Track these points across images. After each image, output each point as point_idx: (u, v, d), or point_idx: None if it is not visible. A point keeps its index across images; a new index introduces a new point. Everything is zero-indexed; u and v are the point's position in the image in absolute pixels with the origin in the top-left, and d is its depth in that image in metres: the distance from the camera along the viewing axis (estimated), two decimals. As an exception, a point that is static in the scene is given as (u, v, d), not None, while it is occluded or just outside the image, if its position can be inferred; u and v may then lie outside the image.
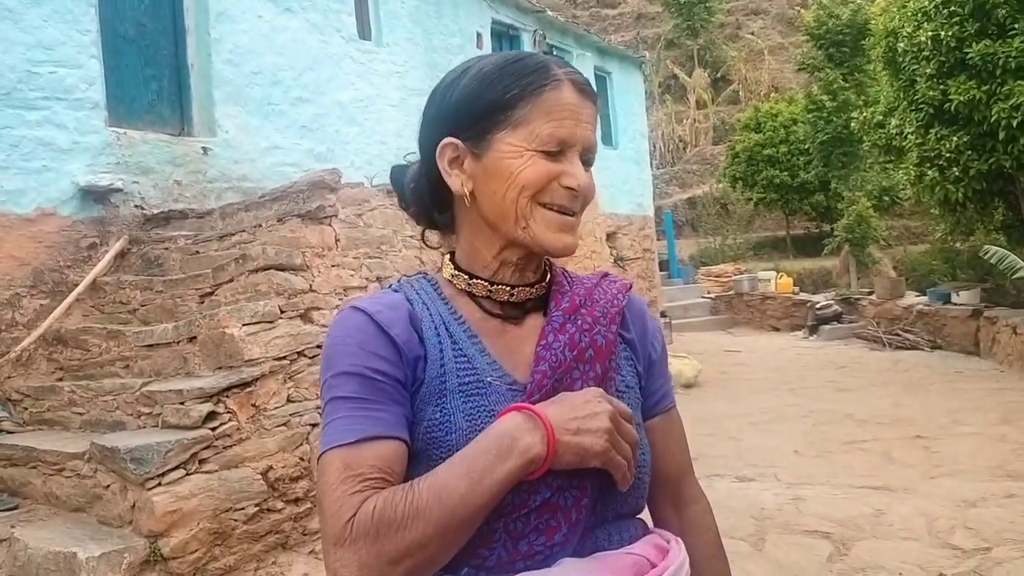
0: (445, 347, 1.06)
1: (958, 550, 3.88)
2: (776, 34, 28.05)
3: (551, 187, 1.05)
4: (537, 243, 1.06)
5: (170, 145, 6.52)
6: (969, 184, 8.95)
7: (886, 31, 9.63)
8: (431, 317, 1.09)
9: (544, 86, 1.05)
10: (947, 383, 8.46)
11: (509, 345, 1.10)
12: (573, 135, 1.05)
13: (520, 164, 1.04)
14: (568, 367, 1.06)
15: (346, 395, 1.00)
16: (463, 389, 1.03)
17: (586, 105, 1.07)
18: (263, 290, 4.69)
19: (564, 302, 1.13)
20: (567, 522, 1.00)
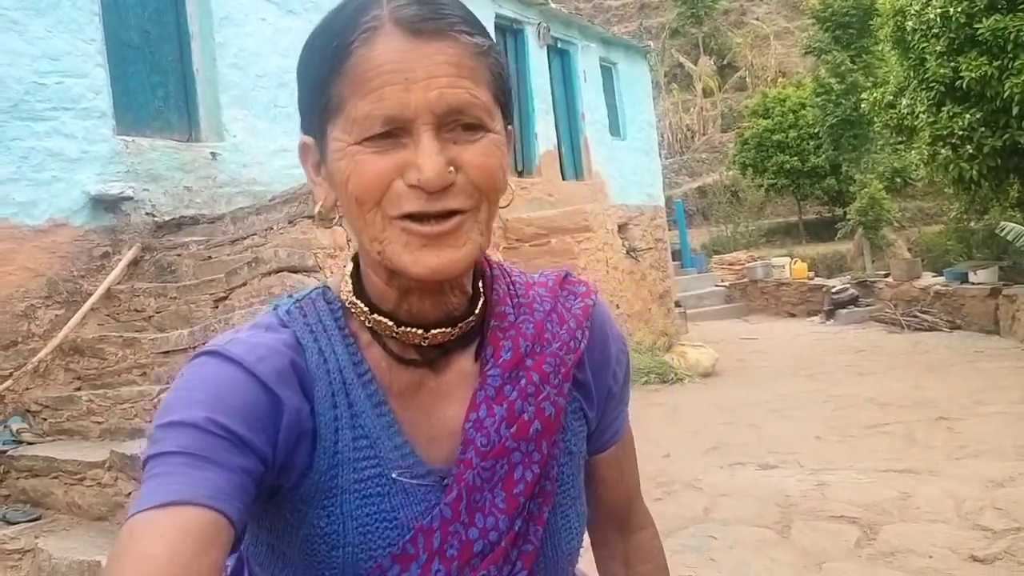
0: (342, 423, 0.79)
1: (988, 531, 3.83)
2: (781, 18, 27.89)
3: (395, 190, 0.73)
4: (399, 270, 0.76)
5: (178, 151, 6.52)
6: (983, 161, 8.85)
7: (893, 10, 9.54)
8: (328, 378, 0.80)
9: (351, 44, 0.73)
10: (968, 363, 8.38)
11: (425, 407, 0.84)
12: (404, 106, 0.71)
13: (346, 168, 0.74)
14: (504, 450, 0.82)
15: (171, 450, 0.70)
16: (359, 488, 0.79)
17: (430, 49, 0.72)
18: (276, 292, 4.68)
19: (505, 351, 0.85)
20: None
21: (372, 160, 0.73)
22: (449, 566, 0.79)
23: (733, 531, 4.09)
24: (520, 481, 0.82)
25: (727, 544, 3.93)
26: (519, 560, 0.82)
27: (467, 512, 0.80)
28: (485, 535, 0.80)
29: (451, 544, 0.79)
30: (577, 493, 0.90)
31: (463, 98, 0.73)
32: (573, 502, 0.89)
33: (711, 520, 4.28)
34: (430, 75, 0.72)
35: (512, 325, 0.87)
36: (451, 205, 0.74)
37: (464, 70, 0.73)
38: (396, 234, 0.74)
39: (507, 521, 0.81)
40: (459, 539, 0.80)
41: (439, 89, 0.72)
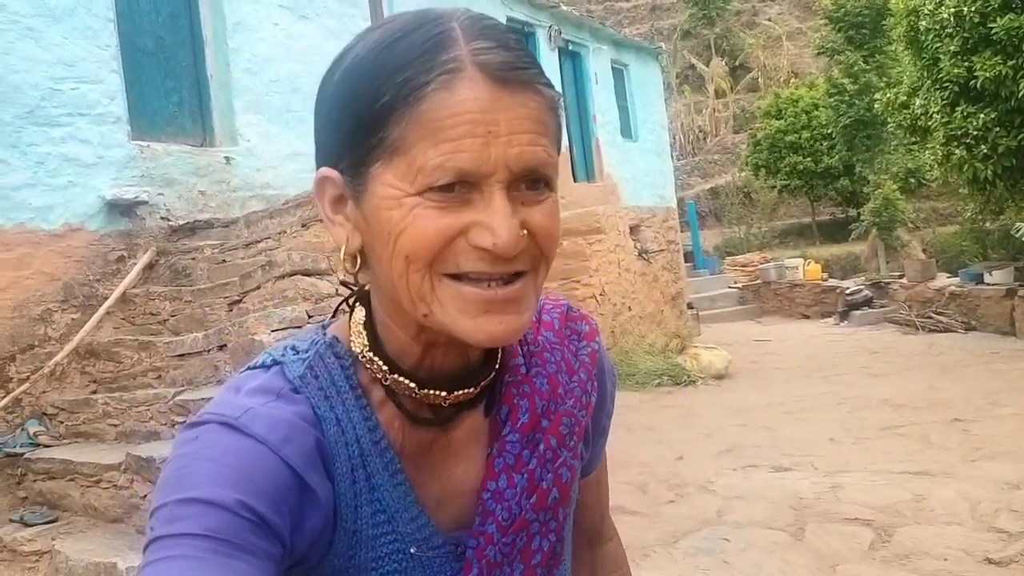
0: (361, 500, 0.74)
1: (1004, 533, 3.81)
2: (793, 19, 27.80)
3: (455, 248, 0.66)
4: (450, 332, 0.68)
5: (193, 156, 6.57)
6: (998, 161, 8.80)
7: (907, 10, 9.50)
8: (347, 447, 0.74)
9: (427, 85, 0.65)
10: (983, 364, 8.33)
11: (435, 467, 0.79)
12: (482, 160, 0.64)
13: (399, 220, 0.66)
14: (524, 523, 0.78)
15: (197, 532, 0.63)
16: (377, 566, 0.75)
17: (513, 102, 0.66)
18: (290, 296, 4.71)
19: (522, 412, 0.80)
20: None
21: (434, 216, 0.65)
22: None
23: (746, 533, 4.09)
24: (537, 552, 0.80)
25: (740, 546, 3.93)
26: None
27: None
28: None
29: None
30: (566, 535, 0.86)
31: (541, 157, 0.67)
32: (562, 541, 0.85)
33: (724, 522, 4.28)
34: (512, 130, 0.65)
35: (526, 379, 0.82)
36: (517, 267, 0.68)
37: (542, 126, 0.68)
38: (450, 297, 0.67)
39: None
40: None
41: (520, 147, 0.65)
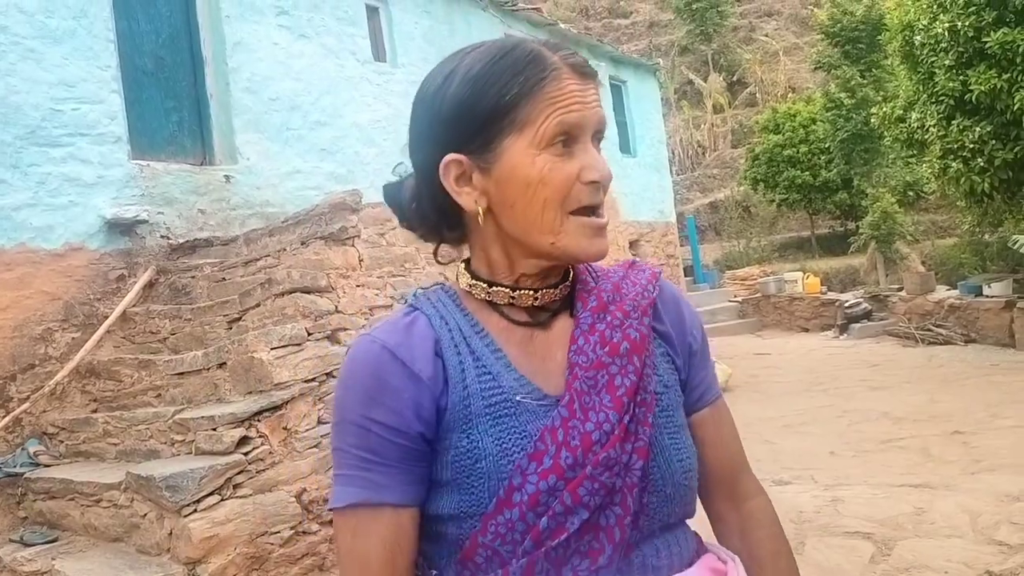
0: (467, 367, 0.99)
1: (1004, 546, 3.80)
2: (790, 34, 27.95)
3: (575, 188, 0.96)
4: (570, 255, 0.98)
5: (192, 175, 6.61)
6: (995, 174, 8.82)
7: (902, 25, 9.56)
8: (451, 335, 1.01)
9: (543, 79, 0.96)
10: (983, 376, 8.32)
11: (538, 353, 1.02)
12: (584, 119, 0.97)
13: (536, 172, 0.95)
14: (601, 364, 0.99)
15: (354, 449, 0.97)
16: (490, 411, 0.97)
17: (589, 86, 0.99)
18: (289, 313, 4.72)
19: (591, 301, 1.05)
20: (610, 542, 0.95)
21: (562, 165, 0.96)
22: (575, 453, 0.94)
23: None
24: (620, 387, 0.98)
25: (741, 561, 3.92)
26: (634, 453, 0.97)
27: (581, 411, 0.97)
28: (599, 427, 0.96)
29: (572, 436, 0.95)
30: (681, 422, 1.06)
31: (603, 116, 1.01)
32: (679, 429, 1.05)
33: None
34: (592, 101, 0.99)
35: (596, 288, 1.07)
36: (602, 200, 0.99)
37: (600, 101, 1.01)
38: (575, 227, 0.97)
39: (616, 416, 0.97)
40: (578, 432, 0.95)
41: (598, 112, 0.99)
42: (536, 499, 0.93)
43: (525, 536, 0.93)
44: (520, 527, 0.93)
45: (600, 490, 0.94)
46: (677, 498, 1.02)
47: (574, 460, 0.94)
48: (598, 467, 0.94)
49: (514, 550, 0.93)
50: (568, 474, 0.94)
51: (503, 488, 0.94)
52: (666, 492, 1.00)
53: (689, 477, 1.04)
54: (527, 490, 0.93)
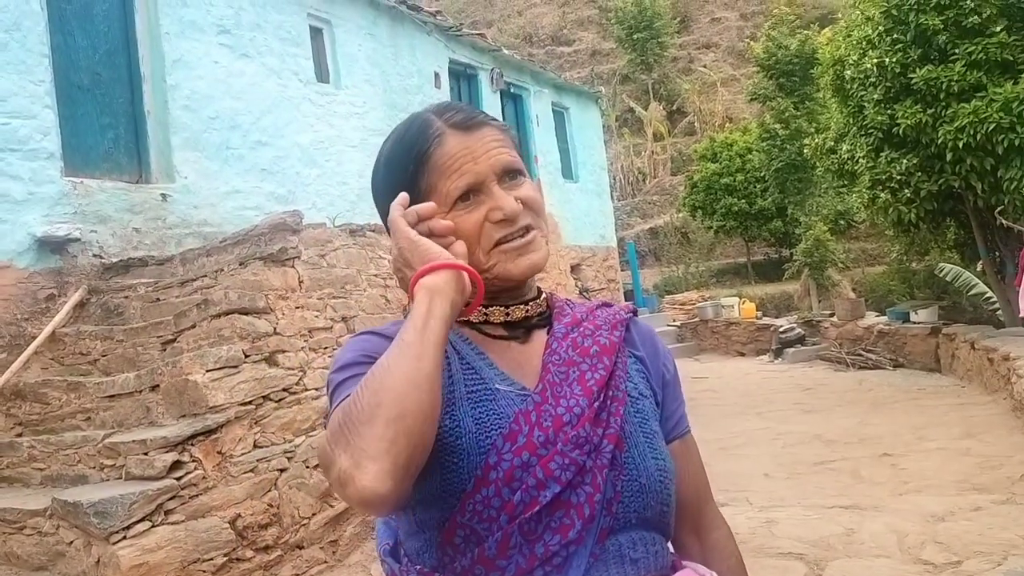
0: (452, 360, 1.09)
1: (929, 565, 3.92)
2: (728, 66, 28.67)
3: (487, 229, 1.08)
4: (505, 278, 1.10)
5: (128, 193, 6.47)
6: (921, 205, 9.16)
7: (833, 60, 9.90)
8: None
9: (428, 149, 1.09)
10: (911, 400, 8.59)
11: (516, 359, 1.12)
12: (477, 174, 1.08)
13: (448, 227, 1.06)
14: (572, 362, 1.10)
15: (351, 375, 1.03)
16: (471, 396, 1.05)
17: (479, 136, 1.09)
18: (226, 335, 4.64)
19: (565, 318, 1.17)
20: (580, 518, 1.00)
21: (466, 216, 1.08)
22: (546, 432, 1.02)
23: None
24: (591, 380, 1.08)
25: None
26: (605, 437, 1.04)
27: (553, 399, 1.05)
28: (570, 410, 1.05)
29: (544, 418, 1.03)
30: (655, 429, 1.13)
31: (507, 159, 1.10)
32: (654, 435, 1.12)
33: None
34: (485, 151, 1.09)
35: (570, 311, 1.19)
36: (524, 222, 1.09)
37: (501, 142, 1.11)
38: (498, 256, 1.08)
39: (586, 401, 1.06)
40: (550, 414, 1.04)
41: (493, 157, 1.09)
42: (511, 475, 1.00)
43: (500, 512, 0.99)
44: (496, 503, 0.99)
45: (571, 466, 1.01)
46: (652, 492, 1.07)
47: (546, 438, 1.02)
48: (568, 444, 1.02)
49: (490, 527, 0.99)
50: (540, 451, 1.01)
51: (480, 467, 1.00)
52: (641, 482, 1.06)
53: (664, 476, 1.09)
54: (502, 467, 1.00)
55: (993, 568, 3.76)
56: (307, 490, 4.72)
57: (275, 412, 4.68)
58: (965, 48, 8.03)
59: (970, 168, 8.24)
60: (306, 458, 4.76)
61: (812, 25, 18.56)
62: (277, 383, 4.72)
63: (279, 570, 4.45)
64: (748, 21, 29.14)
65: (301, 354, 5.01)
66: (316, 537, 4.72)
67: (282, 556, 4.48)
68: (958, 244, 10.92)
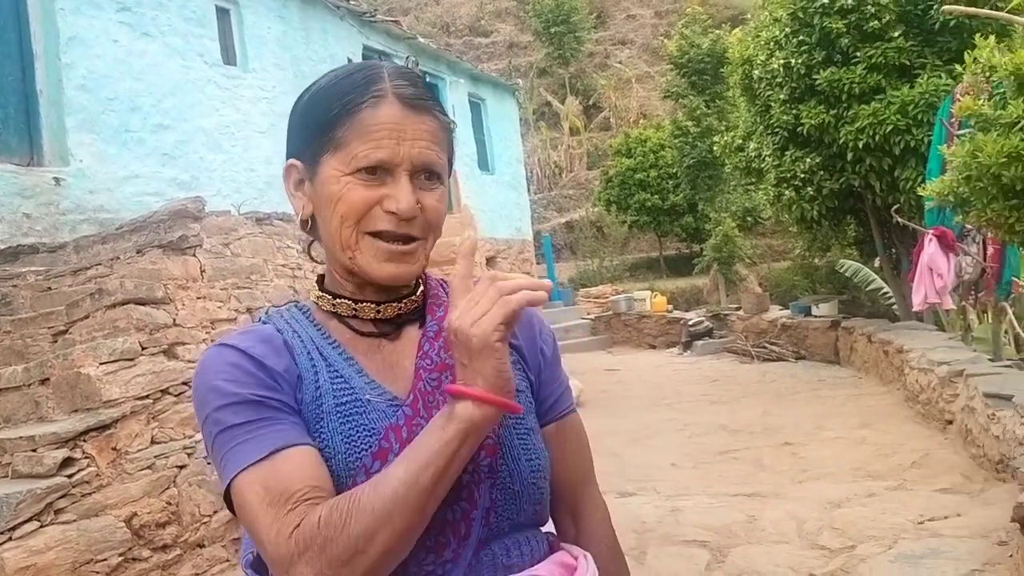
0: (319, 369, 1.02)
1: (825, 550, 4.05)
2: (642, 63, 29.11)
3: (373, 213, 1.00)
4: (365, 273, 1.02)
5: (18, 176, 6.13)
6: (823, 202, 9.47)
7: (742, 59, 10.12)
8: (302, 343, 1.04)
9: (362, 104, 1.00)
10: (811, 391, 8.89)
11: (387, 361, 1.06)
12: (394, 155, 0.99)
13: (338, 191, 1.00)
14: (445, 366, 1.03)
15: (236, 423, 0.94)
16: (340, 410, 0.99)
17: (417, 119, 1.01)
18: (122, 326, 4.44)
19: (439, 311, 1.09)
20: (456, 536, 0.97)
21: (361, 189, 0.99)
22: None
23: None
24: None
25: (585, 573, 3.99)
26: (482, 449, 0.98)
27: (424, 409, 1.00)
28: None
29: (416, 433, 0.95)
30: (531, 426, 1.09)
31: (432, 158, 1.02)
32: (529, 432, 1.08)
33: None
34: (415, 137, 1.00)
35: (444, 300, 1.10)
36: (412, 233, 1.01)
37: (436, 139, 1.03)
38: (367, 246, 1.00)
39: None
40: (421, 429, 0.95)
41: (419, 148, 1.00)
42: None
43: None
44: None
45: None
46: (526, 496, 1.04)
47: None
48: None
49: None
50: None
51: (348, 488, 0.94)
52: (514, 489, 1.03)
53: (537, 477, 1.06)
54: None
55: (884, 551, 3.91)
56: (208, 487, 4.57)
57: (174, 407, 4.51)
58: (866, 52, 8.32)
59: (869, 168, 8.57)
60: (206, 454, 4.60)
61: (724, 25, 18.97)
62: (176, 376, 4.55)
63: (178, 569, 4.30)
64: (663, 19, 29.62)
65: (203, 346, 4.84)
66: (217, 535, 4.58)
67: (181, 555, 4.33)
68: (858, 241, 11.33)
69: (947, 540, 3.95)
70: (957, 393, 5.78)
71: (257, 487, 0.91)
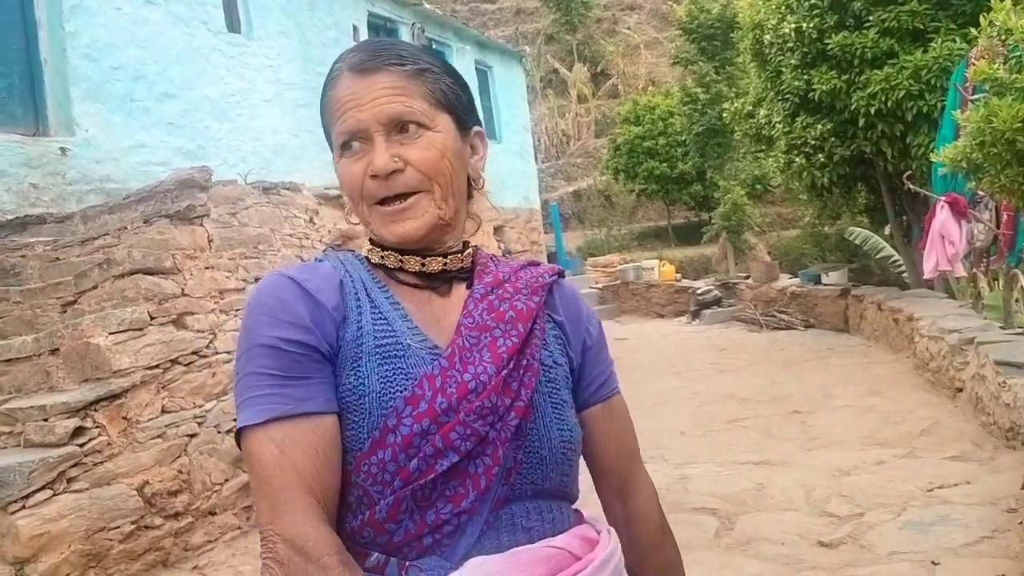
0: (364, 310, 1.04)
1: (834, 517, 4.06)
2: (651, 29, 28.78)
3: (366, 184, 1.04)
4: (383, 240, 1.08)
5: (24, 146, 6.11)
6: (834, 169, 9.38)
7: (753, 24, 9.98)
8: (352, 282, 1.07)
9: (325, 91, 1.07)
10: (820, 360, 8.88)
11: (434, 313, 1.08)
12: (359, 121, 1.02)
13: (340, 174, 1.07)
14: (486, 327, 1.05)
15: (265, 370, 0.97)
16: (380, 351, 1.01)
17: (369, 81, 1.03)
18: (130, 296, 4.45)
19: (487, 277, 1.13)
20: (475, 489, 0.98)
21: (350, 165, 1.04)
22: (450, 399, 0.99)
23: (600, 527, 4.18)
24: (502, 347, 1.04)
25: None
26: (512, 409, 1.01)
27: (461, 364, 1.01)
28: (477, 377, 1.01)
29: (450, 384, 0.99)
30: (566, 399, 1.10)
31: (398, 109, 1.02)
32: (563, 405, 1.09)
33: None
34: (373, 98, 1.02)
35: (494, 270, 1.14)
36: (400, 189, 1.03)
37: (397, 89, 1.03)
38: (376, 216, 1.05)
39: (494, 369, 1.01)
40: (455, 381, 1.00)
41: (380, 106, 1.02)
42: (409, 441, 0.97)
43: (395, 477, 0.97)
44: (392, 467, 0.97)
45: (472, 436, 0.98)
46: (552, 463, 1.05)
47: (448, 406, 0.98)
48: (471, 414, 0.98)
49: (383, 491, 0.97)
50: (442, 418, 0.98)
51: (379, 428, 0.97)
52: (542, 454, 1.04)
53: (568, 448, 1.08)
54: (401, 431, 0.97)
55: (893, 519, 3.92)
56: (219, 456, 4.60)
57: (184, 376, 4.53)
58: (879, 15, 8.18)
59: (881, 134, 8.46)
60: (217, 423, 4.63)
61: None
62: (186, 346, 4.56)
63: (190, 537, 4.34)
64: (672, -16, 29.23)
65: (211, 316, 4.85)
66: (229, 503, 4.62)
67: (193, 523, 4.37)
68: (868, 208, 11.25)
69: (956, 507, 3.96)
70: (967, 361, 5.76)
71: (270, 447, 0.94)
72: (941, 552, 3.49)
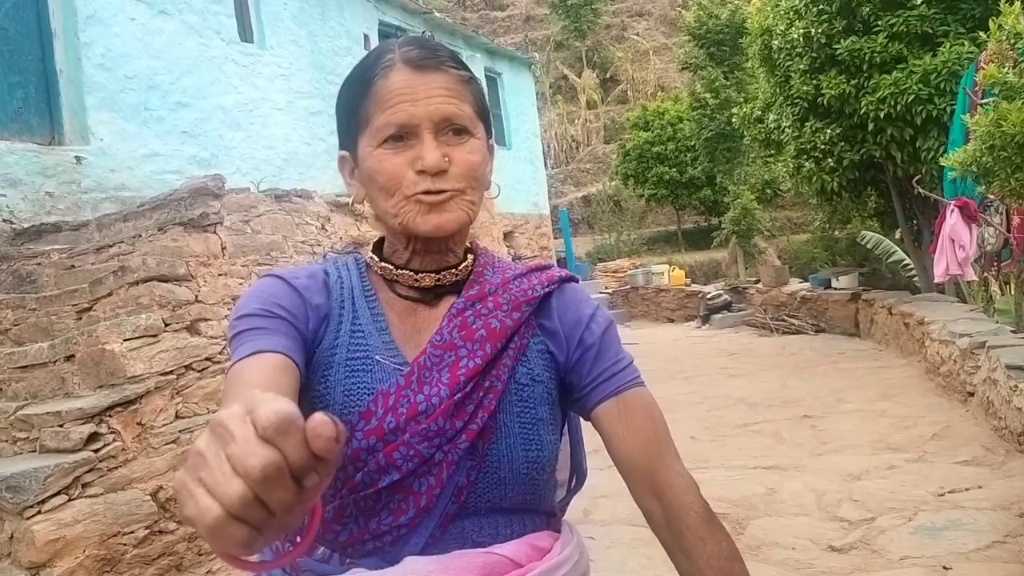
0: (345, 319, 1.07)
1: (845, 522, 4.06)
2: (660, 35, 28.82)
3: (408, 177, 1.03)
4: (411, 230, 1.05)
5: (40, 155, 6.18)
6: (843, 174, 9.37)
7: (761, 29, 9.98)
8: (341, 292, 1.10)
9: (373, 77, 1.04)
10: (831, 364, 8.85)
11: (416, 325, 1.10)
12: (412, 116, 1.02)
13: (374, 165, 1.04)
14: (452, 345, 1.06)
15: (246, 328, 1.01)
16: (349, 364, 1.04)
17: (427, 78, 1.03)
18: (145, 303, 4.49)
19: (473, 289, 1.12)
20: (415, 507, 1.01)
21: (391, 158, 1.03)
22: (399, 419, 1.01)
23: (611, 531, 4.20)
24: (463, 369, 1.04)
25: (605, 544, 4.03)
26: (463, 433, 1.02)
27: (417, 383, 1.03)
28: (428, 399, 1.02)
29: (401, 404, 1.01)
30: (541, 416, 1.09)
31: (451, 110, 1.03)
32: (537, 423, 1.08)
33: (590, 521, 4.38)
34: (428, 95, 1.02)
35: (485, 280, 1.13)
36: (446, 187, 1.03)
37: (452, 92, 1.04)
38: (411, 206, 1.03)
39: (447, 392, 1.02)
40: (408, 401, 1.02)
41: (435, 105, 1.02)
42: (357, 455, 1.01)
43: (343, 485, 1.01)
44: (340, 476, 1.00)
45: (415, 457, 1.00)
46: (512, 484, 1.05)
47: (396, 426, 1.01)
48: (416, 436, 1.01)
49: (333, 495, 1.01)
50: (388, 437, 1.01)
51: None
52: (499, 475, 1.05)
53: (532, 468, 1.06)
54: (351, 445, 1.00)
55: (904, 523, 3.92)
56: (232, 460, 4.63)
57: (198, 382, 4.57)
58: (887, 20, 8.19)
59: (890, 138, 8.45)
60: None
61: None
62: (199, 352, 4.60)
63: (204, 542, 4.37)
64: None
65: (224, 322, 4.89)
66: (242, 508, 4.64)
67: (207, 528, 4.40)
68: (878, 212, 11.22)
69: (968, 512, 3.95)
70: (979, 365, 5.74)
71: (237, 368, 0.98)
72: (953, 557, 3.49)
